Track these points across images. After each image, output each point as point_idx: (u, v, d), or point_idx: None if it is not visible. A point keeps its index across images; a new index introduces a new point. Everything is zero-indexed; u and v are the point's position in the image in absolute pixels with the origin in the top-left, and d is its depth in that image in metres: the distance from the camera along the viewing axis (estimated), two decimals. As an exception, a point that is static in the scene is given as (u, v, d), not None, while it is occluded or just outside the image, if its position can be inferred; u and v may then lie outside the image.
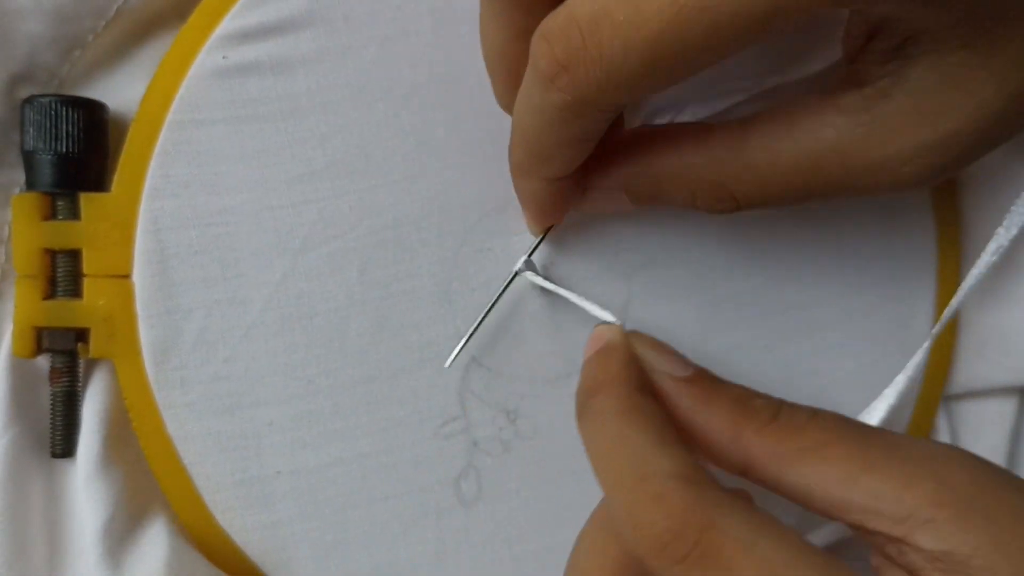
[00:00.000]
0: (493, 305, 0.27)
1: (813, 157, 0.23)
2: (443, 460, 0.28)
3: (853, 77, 0.23)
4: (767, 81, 0.27)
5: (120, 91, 0.28)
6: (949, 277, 0.31)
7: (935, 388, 0.32)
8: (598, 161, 0.25)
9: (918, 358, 0.28)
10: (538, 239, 0.27)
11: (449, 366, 0.27)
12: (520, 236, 0.28)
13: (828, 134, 0.23)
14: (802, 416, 0.23)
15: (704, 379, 0.24)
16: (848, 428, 0.22)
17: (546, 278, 0.27)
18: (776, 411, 0.23)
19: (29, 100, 0.26)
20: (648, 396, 0.23)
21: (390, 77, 0.27)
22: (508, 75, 0.24)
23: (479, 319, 0.27)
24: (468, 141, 0.27)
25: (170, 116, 0.26)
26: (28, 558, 0.26)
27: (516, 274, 0.27)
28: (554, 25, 0.20)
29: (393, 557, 0.27)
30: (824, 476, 0.21)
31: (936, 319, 0.31)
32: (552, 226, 0.27)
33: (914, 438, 0.22)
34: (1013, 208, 0.27)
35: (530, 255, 0.27)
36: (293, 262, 0.27)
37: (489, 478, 0.28)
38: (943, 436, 0.32)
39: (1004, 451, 0.33)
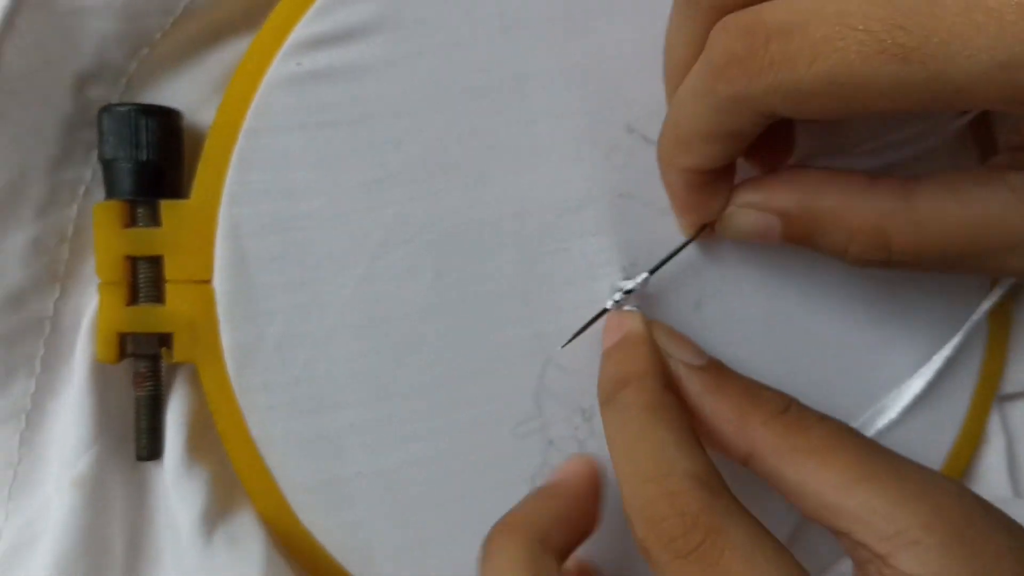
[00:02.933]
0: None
1: (977, 224, 0.23)
2: (519, 459, 0.28)
3: (1019, 160, 0.24)
4: (888, 137, 0.28)
5: (186, 93, 0.28)
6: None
7: (989, 388, 0.32)
8: (758, 182, 0.25)
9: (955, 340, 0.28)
10: (673, 250, 0.27)
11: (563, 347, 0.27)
12: (597, 237, 0.28)
13: (994, 206, 0.23)
14: (811, 417, 0.24)
15: (716, 368, 0.25)
16: (853, 438, 0.23)
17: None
18: (785, 406, 0.24)
19: (107, 109, 0.26)
20: (672, 393, 0.24)
21: (461, 80, 0.27)
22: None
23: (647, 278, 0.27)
24: (540, 142, 0.27)
25: (246, 124, 0.26)
26: (108, 563, 0.27)
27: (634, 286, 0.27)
28: (739, 21, 0.21)
29: (471, 555, 0.28)
30: (821, 478, 0.22)
31: None
32: (704, 227, 0.27)
33: (916, 463, 0.23)
34: None
35: (655, 270, 0.27)
36: (370, 265, 0.27)
37: (564, 476, 0.28)
38: (997, 437, 0.32)
39: None
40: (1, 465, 0.27)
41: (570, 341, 0.27)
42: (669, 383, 0.24)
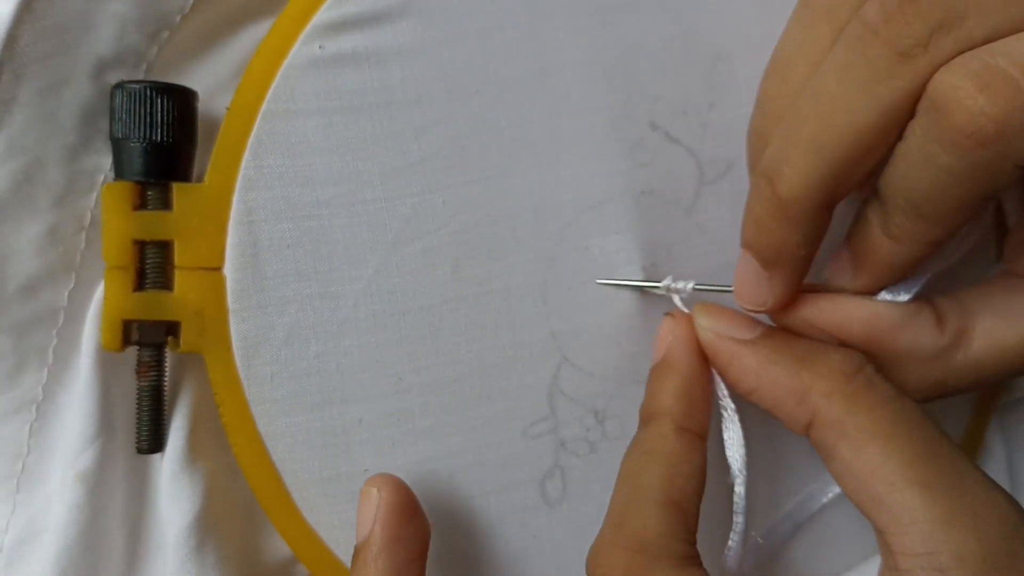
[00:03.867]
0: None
1: None
2: (530, 460, 0.27)
3: None
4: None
5: (206, 80, 0.27)
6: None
7: (989, 398, 0.32)
8: (824, 305, 0.24)
9: None
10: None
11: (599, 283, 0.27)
12: (618, 234, 0.27)
13: None
14: (880, 392, 0.22)
15: (770, 338, 0.24)
16: (922, 429, 0.22)
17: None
18: (855, 369, 0.23)
19: (119, 86, 0.25)
20: (684, 433, 0.24)
21: (486, 71, 0.26)
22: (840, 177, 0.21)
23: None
24: (563, 137, 0.27)
25: (265, 106, 0.25)
26: (108, 557, 0.26)
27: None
28: (972, 70, 0.19)
29: (478, 555, 0.27)
30: (875, 466, 0.21)
31: None
32: None
33: (986, 476, 0.21)
34: None
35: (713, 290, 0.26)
36: (386, 257, 0.26)
37: (575, 478, 0.28)
38: (998, 447, 0.32)
39: None
40: (11, 457, 0.26)
41: (608, 283, 0.27)
42: (686, 423, 0.24)
